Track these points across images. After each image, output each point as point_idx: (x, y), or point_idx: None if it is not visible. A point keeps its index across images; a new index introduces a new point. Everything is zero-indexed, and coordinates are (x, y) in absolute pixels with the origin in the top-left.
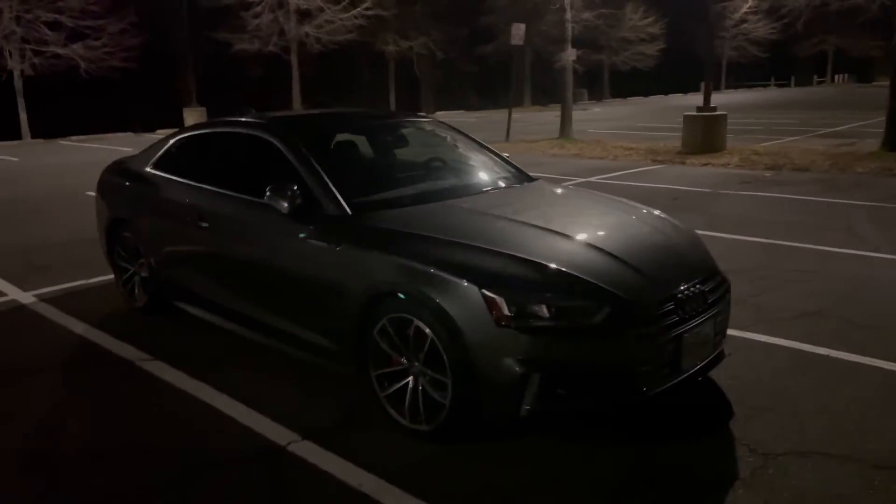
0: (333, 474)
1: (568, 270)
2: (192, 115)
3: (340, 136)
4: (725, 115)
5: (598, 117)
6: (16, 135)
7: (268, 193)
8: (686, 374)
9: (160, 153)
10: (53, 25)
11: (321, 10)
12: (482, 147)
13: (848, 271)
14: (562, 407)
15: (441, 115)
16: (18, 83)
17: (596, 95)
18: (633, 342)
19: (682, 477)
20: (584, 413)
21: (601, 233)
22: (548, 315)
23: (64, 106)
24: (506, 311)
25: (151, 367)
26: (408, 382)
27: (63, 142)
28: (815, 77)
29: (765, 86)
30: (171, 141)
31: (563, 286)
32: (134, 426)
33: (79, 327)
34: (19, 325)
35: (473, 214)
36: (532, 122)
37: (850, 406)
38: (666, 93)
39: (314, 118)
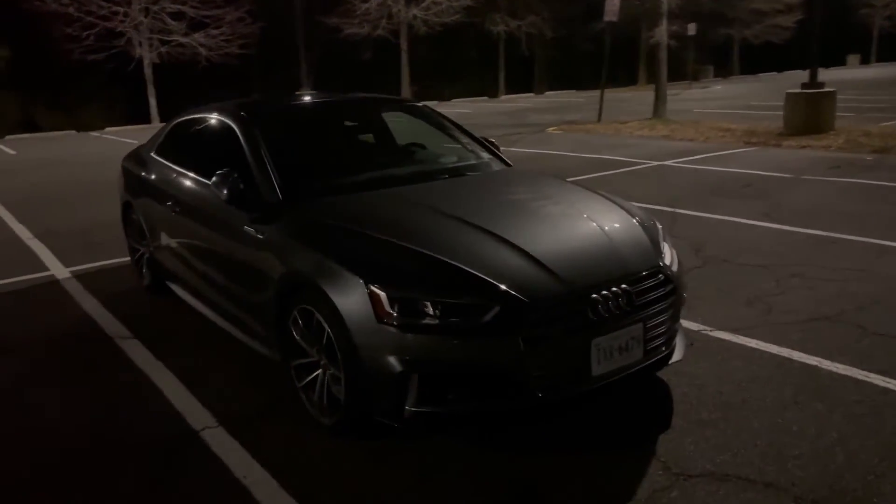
0: (225, 462)
1: (461, 266)
2: None
3: (310, 122)
4: (833, 91)
5: (713, 95)
6: (146, 119)
7: (213, 179)
8: (600, 383)
9: (161, 139)
10: (176, 16)
11: None
12: (465, 134)
13: None
14: (447, 410)
15: (550, 95)
16: (148, 71)
17: (724, 71)
18: (526, 345)
19: (573, 494)
20: (474, 418)
21: (526, 227)
22: (432, 313)
23: (188, 91)
24: (387, 308)
25: (125, 345)
26: (317, 375)
27: None
28: None
29: None
30: (169, 126)
31: (453, 283)
32: (75, 402)
33: (89, 304)
34: (41, 299)
35: (405, 205)
36: (638, 101)
37: (808, 426)
38: (805, 67)
39: (284, 104)
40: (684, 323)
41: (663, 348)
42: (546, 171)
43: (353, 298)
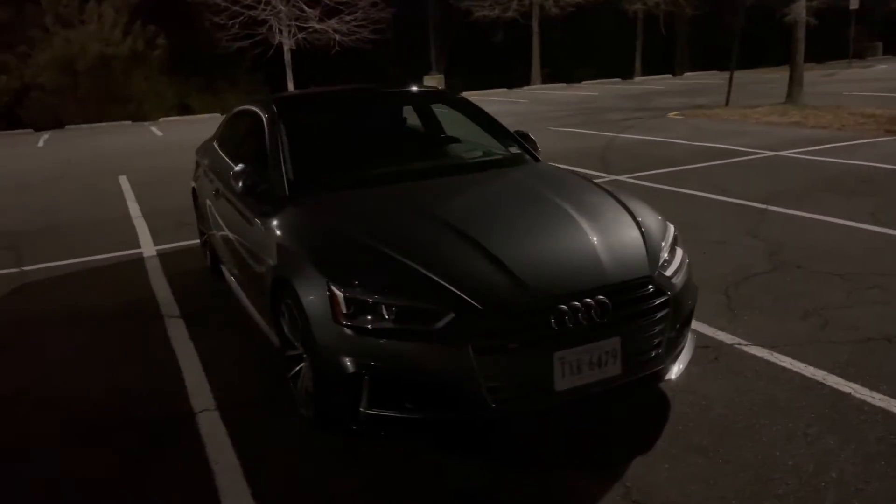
0: (205, 445)
1: (422, 270)
2: (430, 83)
3: (340, 116)
4: None
5: (874, 76)
6: None
7: (234, 170)
8: (566, 398)
9: (220, 129)
10: (313, 3)
11: None
12: (498, 127)
13: None
14: (399, 415)
15: (689, 76)
16: (287, 56)
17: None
18: (478, 354)
19: None
20: (427, 425)
21: (508, 230)
22: (386, 316)
23: (324, 76)
24: (343, 309)
25: (170, 324)
26: (301, 367)
27: None
28: None
29: None
30: (227, 117)
31: (410, 287)
32: (105, 375)
33: (158, 282)
34: (120, 275)
35: (397, 202)
36: (784, 83)
37: (808, 462)
38: None
39: (314, 95)
40: (720, 334)
41: (653, 364)
42: (644, 159)
43: (316, 297)
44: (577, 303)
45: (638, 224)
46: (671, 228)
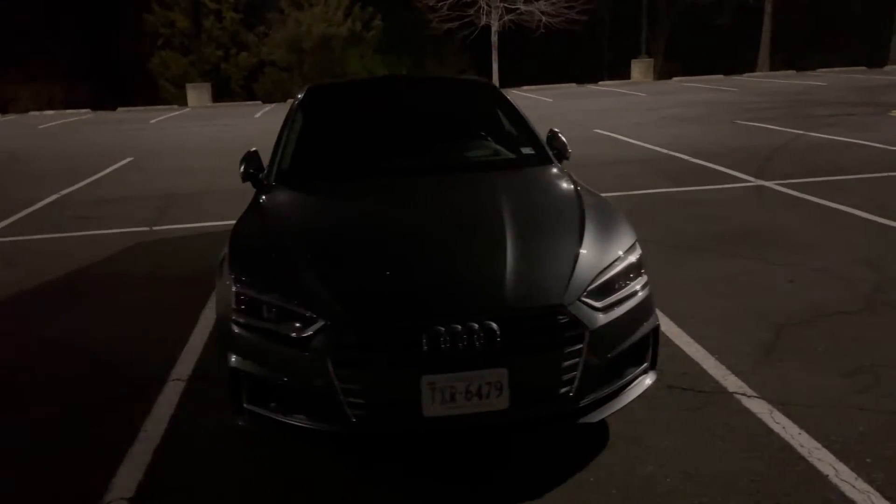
0: (150, 416)
1: (316, 274)
2: (637, 67)
3: (361, 105)
4: None
5: None
6: None
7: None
8: (436, 426)
9: None
10: None
11: None
12: (522, 122)
13: None
14: (275, 417)
15: None
16: (494, 38)
17: None
18: (338, 365)
19: None
20: (298, 431)
21: (429, 241)
22: (266, 316)
23: (530, 58)
24: (233, 304)
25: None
26: None
27: (514, 91)
28: None
29: None
30: None
31: (296, 290)
32: (131, 328)
33: None
34: (215, 242)
35: (354, 201)
36: None
37: None
38: None
39: (343, 85)
40: (728, 378)
41: (559, 404)
42: (815, 163)
43: (224, 288)
44: (457, 325)
45: (580, 245)
46: (635, 252)
